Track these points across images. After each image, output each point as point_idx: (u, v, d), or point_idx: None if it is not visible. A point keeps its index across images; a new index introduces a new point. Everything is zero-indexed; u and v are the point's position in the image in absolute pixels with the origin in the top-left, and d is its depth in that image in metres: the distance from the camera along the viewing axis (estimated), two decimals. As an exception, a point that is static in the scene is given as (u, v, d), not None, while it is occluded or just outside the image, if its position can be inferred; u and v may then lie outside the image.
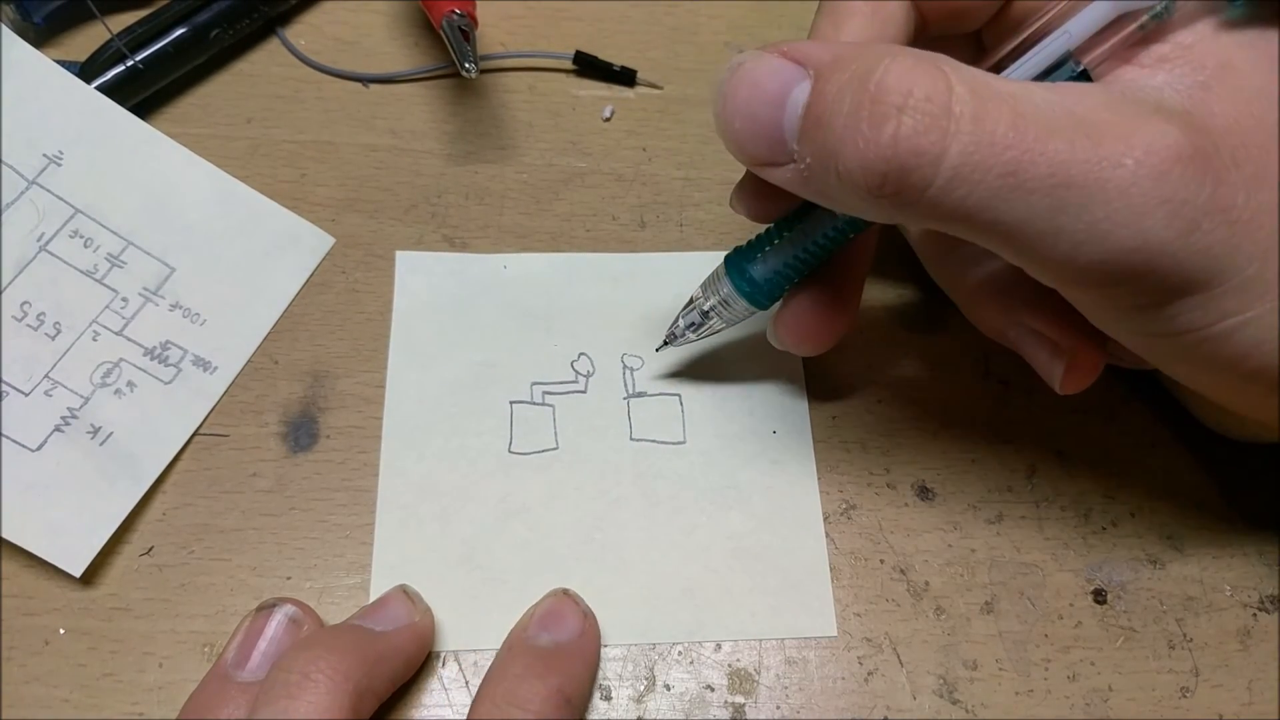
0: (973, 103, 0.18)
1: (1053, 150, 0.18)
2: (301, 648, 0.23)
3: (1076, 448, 0.30)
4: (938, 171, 0.18)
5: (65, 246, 0.29)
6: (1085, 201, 0.18)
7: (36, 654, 0.26)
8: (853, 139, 0.19)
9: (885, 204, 0.19)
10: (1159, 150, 0.18)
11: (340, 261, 0.32)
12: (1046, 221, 0.19)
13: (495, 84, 0.36)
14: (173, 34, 0.33)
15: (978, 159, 0.18)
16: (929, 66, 0.19)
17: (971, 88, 0.19)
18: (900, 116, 0.18)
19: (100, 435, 0.28)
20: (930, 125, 0.18)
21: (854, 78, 0.19)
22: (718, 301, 0.27)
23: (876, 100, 0.19)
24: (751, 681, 0.27)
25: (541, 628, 0.25)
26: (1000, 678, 0.27)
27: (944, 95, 0.18)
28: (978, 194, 0.19)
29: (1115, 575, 0.29)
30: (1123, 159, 0.18)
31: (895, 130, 0.18)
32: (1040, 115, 0.19)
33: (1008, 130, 0.18)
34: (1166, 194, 0.18)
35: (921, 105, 0.18)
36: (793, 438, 0.30)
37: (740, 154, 0.22)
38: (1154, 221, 0.19)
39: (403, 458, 0.29)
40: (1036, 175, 0.18)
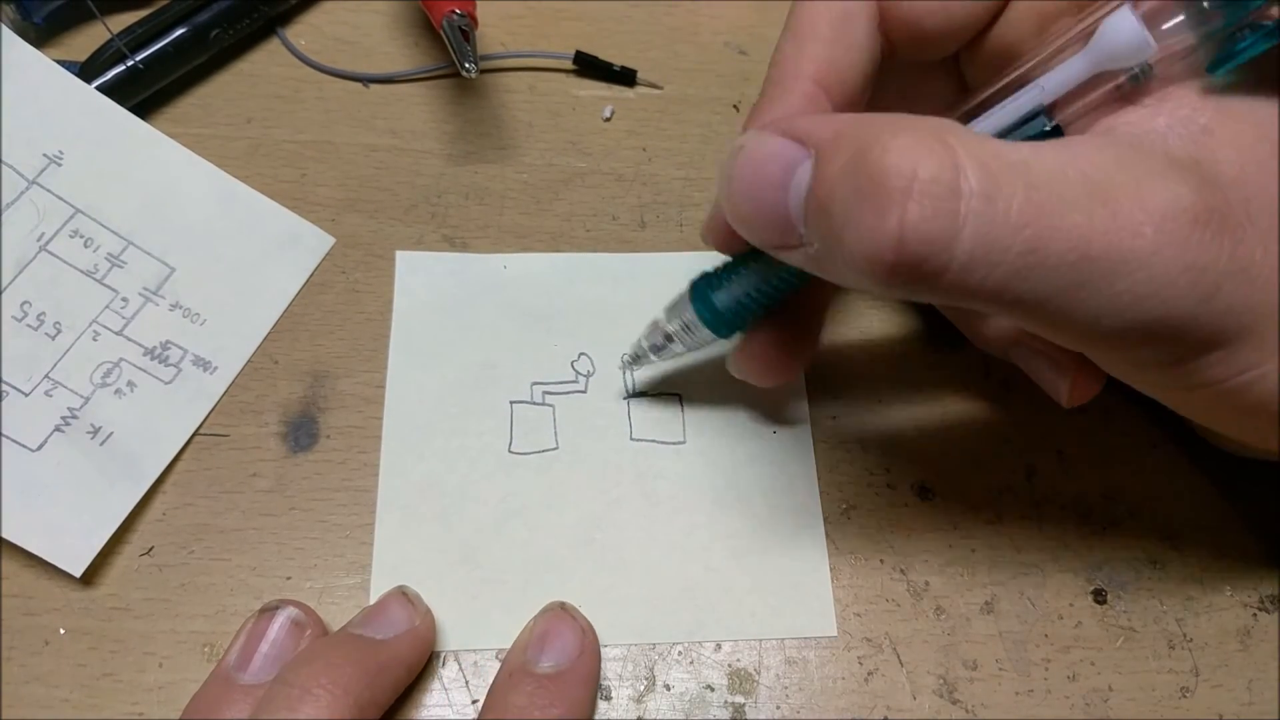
0: (983, 179, 0.17)
1: (1070, 224, 0.17)
2: (302, 661, 0.23)
3: (1076, 448, 0.30)
4: (952, 257, 0.17)
5: (65, 246, 0.29)
6: (1107, 275, 0.18)
7: (36, 654, 0.26)
8: (856, 228, 0.18)
9: (901, 291, 0.19)
10: (1176, 215, 0.18)
11: (340, 261, 0.32)
12: (1068, 296, 0.18)
13: (495, 84, 0.36)
14: (173, 34, 0.33)
15: (993, 240, 0.17)
16: (932, 142, 0.18)
17: (980, 161, 0.18)
18: (905, 203, 0.17)
19: (100, 435, 0.28)
20: (939, 209, 0.17)
21: (853, 160, 0.18)
22: (680, 326, 0.26)
23: (878, 185, 0.17)
24: (751, 681, 0.27)
25: (541, 650, 0.25)
26: (1000, 678, 0.27)
27: (951, 174, 0.17)
28: (996, 275, 0.18)
29: (1115, 575, 0.29)
30: (1142, 228, 0.18)
31: (901, 218, 0.17)
32: (1054, 185, 0.18)
33: (1022, 207, 0.17)
34: (1188, 260, 0.18)
35: (927, 188, 0.17)
36: (793, 437, 0.30)
37: (751, 238, 0.21)
38: (1177, 289, 0.18)
39: (403, 458, 0.29)
40: (1057, 252, 0.18)
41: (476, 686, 0.26)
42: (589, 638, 0.26)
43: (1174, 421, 0.30)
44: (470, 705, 0.26)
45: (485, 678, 0.26)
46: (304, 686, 0.22)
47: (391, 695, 0.25)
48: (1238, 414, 0.21)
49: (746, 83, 0.36)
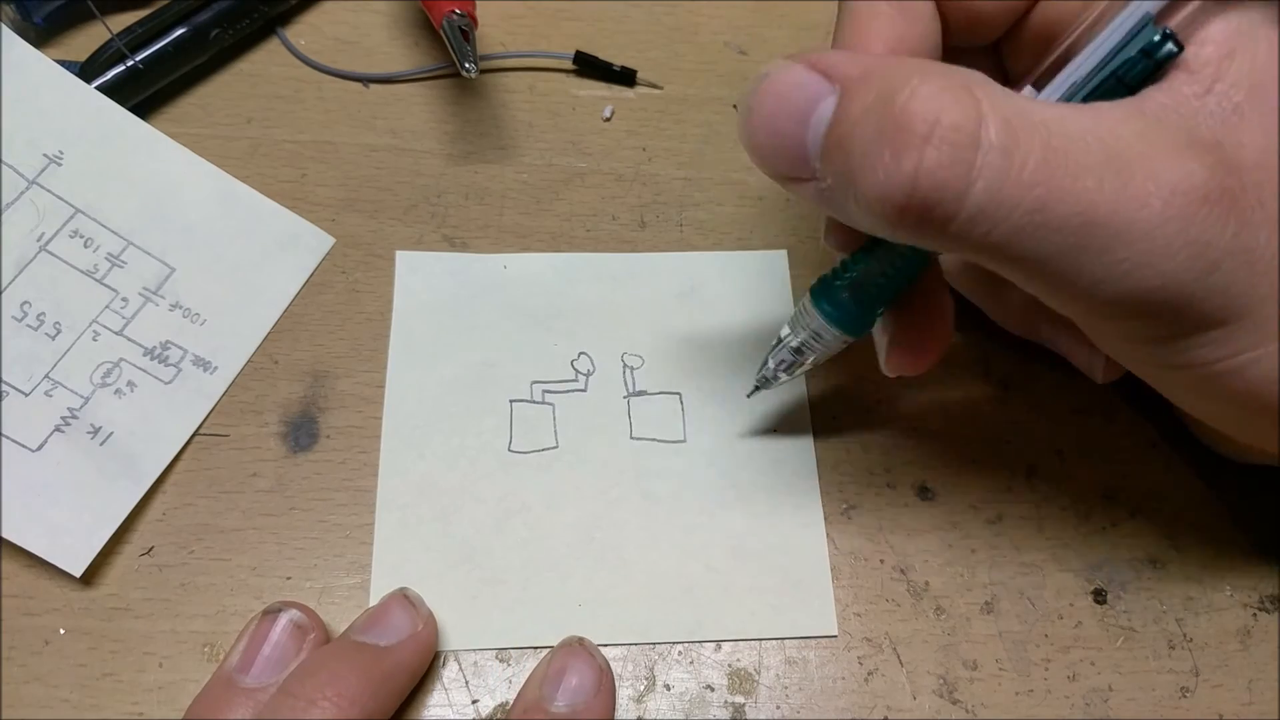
0: (1004, 134, 0.18)
1: (1081, 188, 0.18)
2: (307, 672, 0.23)
3: (1076, 448, 0.30)
4: (962, 207, 0.18)
5: (65, 246, 0.29)
6: (1109, 241, 0.18)
7: (36, 654, 0.26)
8: (873, 167, 0.18)
9: (905, 233, 0.19)
10: (1186, 191, 0.18)
11: (340, 261, 0.32)
12: (1070, 259, 0.18)
13: (495, 84, 0.36)
14: (173, 34, 0.33)
15: (1004, 194, 0.18)
16: (960, 90, 0.18)
17: (1004, 116, 0.18)
18: (924, 147, 0.17)
19: (100, 435, 0.28)
20: (956, 158, 0.17)
21: (879, 99, 0.18)
22: (809, 336, 0.26)
23: (900, 127, 0.18)
24: (751, 681, 0.27)
25: (556, 687, 0.25)
26: (1000, 678, 0.27)
27: (973, 124, 0.17)
28: (1001, 229, 0.18)
29: (1115, 575, 0.29)
30: (1149, 199, 0.18)
31: (917, 162, 0.17)
32: (1072, 148, 0.18)
33: (1038, 166, 0.18)
34: (1191, 236, 0.18)
35: (948, 135, 0.17)
36: (793, 437, 0.30)
37: (763, 167, 0.21)
38: (1176, 263, 0.18)
39: (402, 457, 0.29)
40: (1063, 214, 0.18)
41: (476, 686, 0.26)
42: (606, 676, 0.25)
43: (1174, 422, 0.30)
44: (470, 705, 0.26)
45: (485, 678, 0.26)
46: (309, 698, 0.22)
47: (396, 703, 0.25)
48: (1226, 401, 0.21)
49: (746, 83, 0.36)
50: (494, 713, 0.26)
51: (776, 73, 0.20)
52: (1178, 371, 0.21)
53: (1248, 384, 0.20)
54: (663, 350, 0.31)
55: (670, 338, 0.31)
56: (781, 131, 0.20)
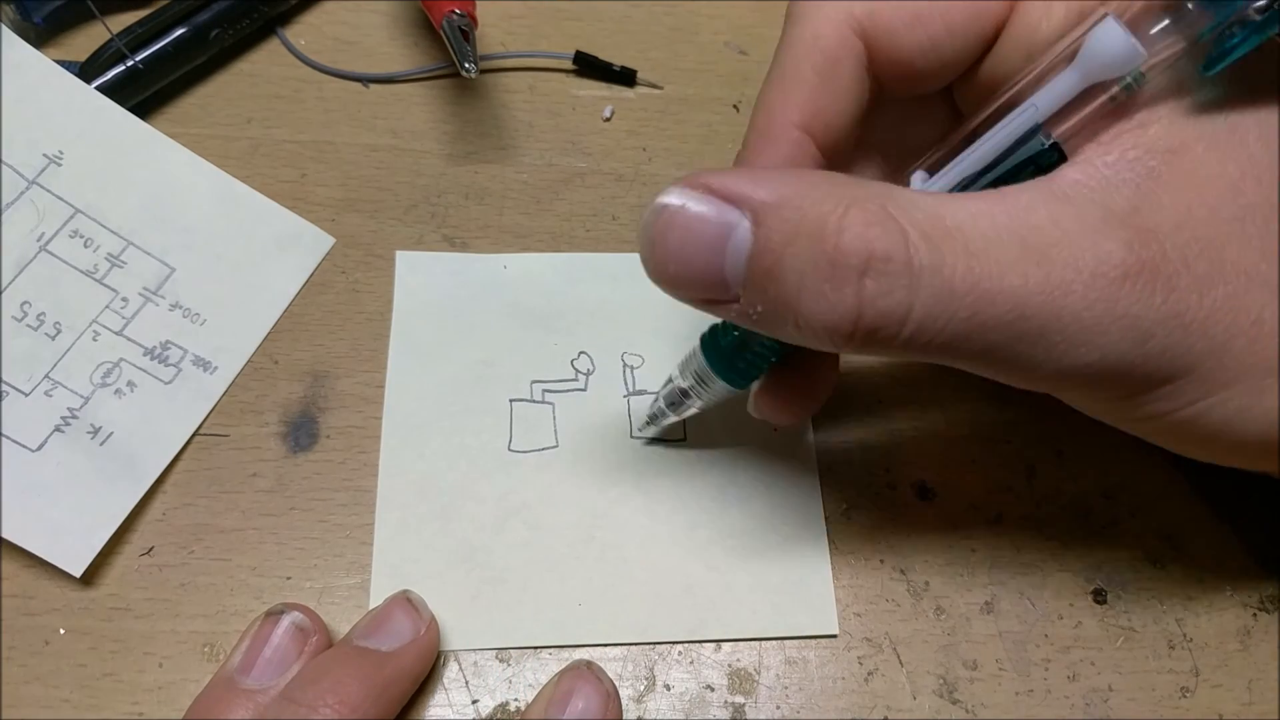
0: (929, 253, 0.18)
1: (1007, 286, 0.19)
2: (309, 679, 0.23)
3: (1076, 448, 0.30)
4: (904, 326, 0.19)
5: (65, 246, 0.29)
6: (1043, 329, 0.19)
7: (36, 654, 0.26)
8: (812, 297, 0.19)
9: (855, 350, 0.20)
10: (1106, 272, 0.19)
11: (340, 261, 0.32)
12: (1008, 349, 0.19)
13: (495, 84, 0.36)
14: (173, 34, 0.33)
15: (940, 307, 0.19)
16: (884, 218, 0.19)
17: (924, 233, 0.19)
18: (862, 280, 0.18)
19: (100, 435, 0.28)
20: (894, 286, 0.18)
21: (808, 235, 0.19)
22: (694, 380, 0.26)
23: (835, 262, 0.18)
24: (751, 681, 0.27)
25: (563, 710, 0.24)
26: (1000, 678, 0.27)
27: (903, 252, 0.18)
28: (944, 336, 0.19)
29: (1115, 575, 0.29)
30: (1072, 285, 0.19)
31: (858, 293, 0.18)
32: (991, 250, 0.19)
33: (965, 276, 0.19)
34: (1119, 312, 0.19)
35: (884, 267, 0.18)
36: (793, 437, 0.30)
37: (676, 295, 0.21)
38: (1109, 339, 0.19)
39: (402, 457, 0.29)
40: (996, 313, 0.19)
41: (476, 686, 0.26)
42: (612, 701, 0.25)
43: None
44: (470, 705, 0.26)
45: (485, 678, 0.26)
46: (311, 705, 0.23)
47: (398, 708, 0.25)
48: (1194, 441, 0.22)
49: (746, 83, 0.36)
50: (494, 713, 0.26)
51: (679, 205, 0.20)
52: (1144, 423, 0.22)
53: (1210, 427, 0.21)
54: (663, 350, 0.31)
55: (670, 338, 0.31)
56: (694, 262, 0.20)
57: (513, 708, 0.26)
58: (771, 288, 0.19)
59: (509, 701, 0.26)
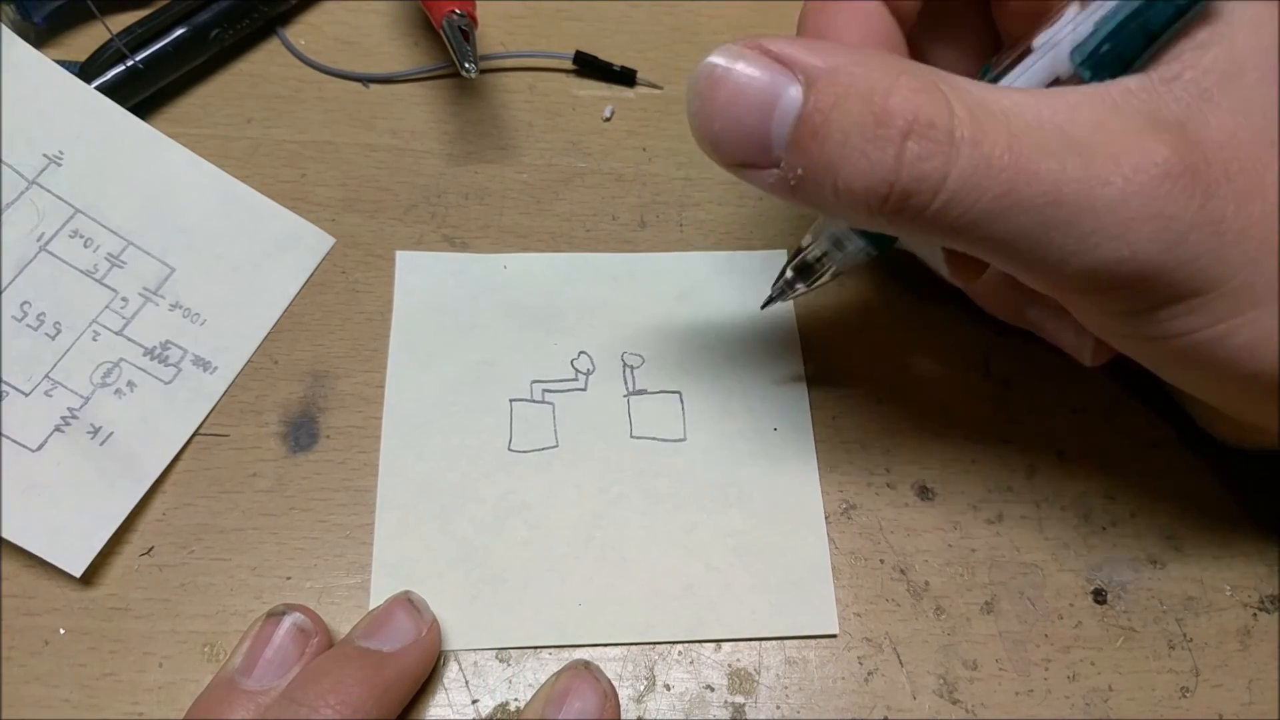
0: (971, 126, 0.19)
1: (1045, 170, 0.19)
2: (310, 679, 0.23)
3: (1076, 448, 0.30)
4: (938, 195, 0.19)
5: (65, 246, 0.29)
6: (1075, 217, 0.19)
7: (36, 654, 0.26)
8: (855, 158, 0.19)
9: (883, 219, 0.20)
10: (1147, 168, 0.19)
11: (340, 261, 0.32)
12: (1038, 237, 0.19)
13: (495, 84, 0.36)
14: (173, 34, 0.33)
15: (975, 181, 0.19)
16: (932, 89, 0.19)
17: (970, 109, 0.19)
18: (905, 141, 0.19)
19: (100, 435, 0.28)
20: (934, 151, 0.19)
21: (858, 96, 0.19)
22: (830, 244, 0.25)
23: (881, 123, 0.19)
24: (751, 681, 0.27)
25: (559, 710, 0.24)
26: (1000, 678, 0.27)
27: (946, 120, 0.19)
28: (973, 213, 0.19)
29: (1115, 575, 0.29)
30: (1111, 177, 0.19)
31: (898, 154, 0.19)
32: (1033, 134, 0.19)
33: (1004, 152, 0.19)
34: (1155, 209, 0.19)
35: (926, 131, 0.19)
36: (794, 435, 0.30)
37: (716, 155, 0.21)
38: (1142, 235, 0.19)
39: (402, 457, 0.29)
40: (1029, 194, 0.19)
41: (476, 686, 0.26)
42: (610, 701, 0.25)
43: (1176, 421, 0.30)
44: (470, 705, 0.26)
45: (485, 678, 0.26)
46: (312, 705, 0.23)
47: (399, 709, 0.25)
48: (1210, 371, 0.22)
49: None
50: (494, 713, 0.26)
51: (731, 64, 0.20)
52: (1158, 343, 0.21)
53: (1227, 353, 0.21)
54: (662, 349, 0.31)
55: (670, 337, 0.31)
56: (741, 121, 0.20)
57: (513, 708, 0.26)
58: (815, 149, 0.20)
59: (509, 701, 0.26)
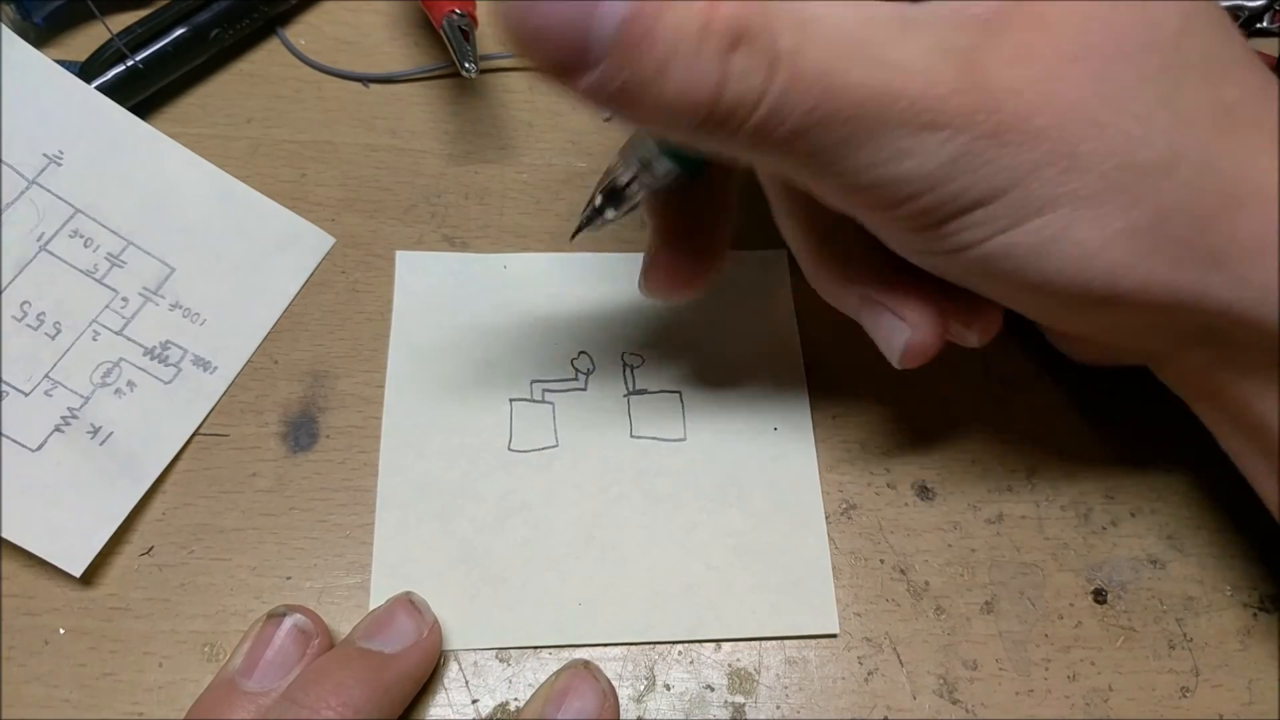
0: (794, 35, 0.19)
1: (852, 83, 0.19)
2: (311, 681, 0.23)
3: (1076, 448, 0.30)
4: (756, 110, 0.19)
5: (65, 246, 0.29)
6: (871, 132, 0.20)
7: (36, 654, 0.26)
8: (680, 71, 0.19)
9: (702, 133, 0.20)
10: (935, 86, 0.19)
11: (340, 261, 0.32)
12: (839, 151, 0.20)
13: (495, 84, 0.36)
14: (173, 34, 0.33)
15: (791, 97, 0.19)
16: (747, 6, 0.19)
17: (793, 22, 0.19)
18: (730, 55, 0.19)
19: (100, 435, 0.28)
20: (757, 66, 0.19)
21: (684, 7, 0.19)
22: (639, 167, 0.25)
23: (706, 36, 0.18)
24: (751, 681, 0.27)
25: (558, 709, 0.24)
26: (1000, 678, 0.27)
27: (770, 35, 0.19)
28: (786, 128, 0.20)
29: (1115, 575, 0.29)
30: (904, 91, 0.19)
31: (724, 67, 0.19)
32: (843, 47, 0.19)
33: (816, 65, 0.19)
34: (941, 123, 0.19)
35: (751, 43, 0.19)
36: (793, 436, 0.30)
37: (530, 56, 0.20)
38: (927, 147, 0.20)
39: (402, 457, 0.29)
40: (835, 109, 0.19)
41: (476, 686, 0.26)
42: (609, 700, 0.25)
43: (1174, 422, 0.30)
44: (470, 705, 0.26)
45: (485, 678, 0.26)
46: (313, 707, 0.22)
47: (400, 710, 0.25)
48: (1004, 281, 0.22)
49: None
50: (494, 713, 0.26)
51: None
52: (955, 256, 0.22)
53: (1017, 260, 0.21)
54: (662, 349, 0.31)
55: (670, 337, 0.31)
56: (560, 18, 0.19)
57: (513, 708, 0.26)
58: (638, 57, 0.19)
59: (509, 701, 0.26)
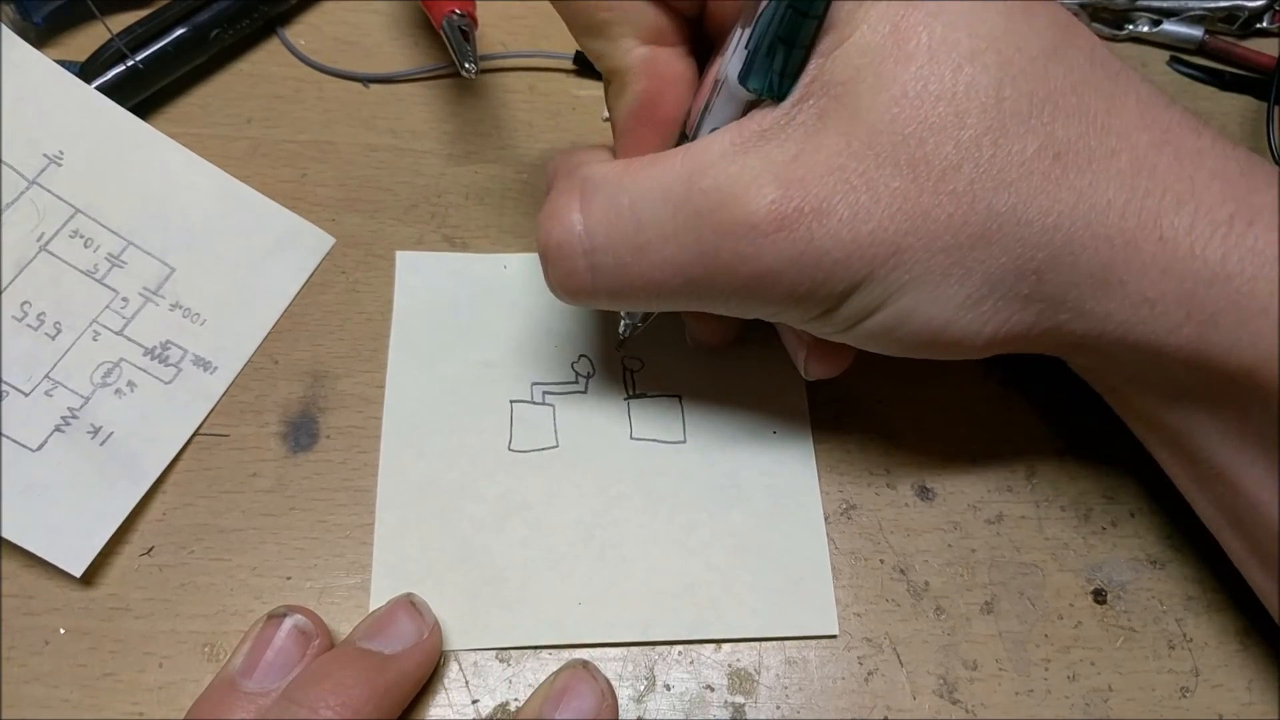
0: (594, 235, 0.22)
1: (668, 258, 0.22)
2: (311, 680, 0.23)
3: (1076, 448, 0.30)
4: (595, 293, 0.23)
5: (65, 246, 0.29)
6: (707, 288, 0.22)
7: (36, 654, 0.26)
8: (544, 274, 0.24)
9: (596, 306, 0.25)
10: (755, 224, 0.21)
11: (340, 261, 0.32)
12: (693, 300, 0.23)
13: (495, 84, 0.36)
14: (173, 34, 0.33)
15: (618, 278, 0.22)
16: (564, 205, 0.23)
17: (595, 212, 0.22)
18: (546, 265, 0.23)
19: (100, 435, 0.28)
20: (568, 268, 0.23)
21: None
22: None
23: (540, 249, 0.23)
24: (751, 681, 0.27)
25: (556, 707, 0.25)
26: (1000, 678, 0.27)
27: (571, 238, 0.22)
28: (638, 297, 0.23)
29: (1115, 575, 0.29)
30: (720, 247, 0.21)
31: (553, 272, 0.23)
32: (654, 219, 0.22)
33: (630, 251, 0.22)
34: (767, 263, 0.21)
35: (556, 252, 0.23)
36: (793, 437, 0.30)
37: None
38: (761, 287, 0.22)
39: (402, 457, 0.29)
40: (663, 279, 0.22)
41: (476, 686, 0.26)
42: (607, 700, 0.25)
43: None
44: (470, 705, 0.26)
45: (485, 678, 0.26)
46: (313, 707, 0.22)
47: (400, 711, 0.25)
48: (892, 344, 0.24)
49: None
50: (494, 713, 0.26)
51: None
52: (848, 334, 0.24)
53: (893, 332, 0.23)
54: (662, 353, 0.31)
55: (670, 340, 0.31)
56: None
57: (513, 708, 0.26)
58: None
59: (509, 701, 0.26)
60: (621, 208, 0.22)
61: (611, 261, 0.22)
